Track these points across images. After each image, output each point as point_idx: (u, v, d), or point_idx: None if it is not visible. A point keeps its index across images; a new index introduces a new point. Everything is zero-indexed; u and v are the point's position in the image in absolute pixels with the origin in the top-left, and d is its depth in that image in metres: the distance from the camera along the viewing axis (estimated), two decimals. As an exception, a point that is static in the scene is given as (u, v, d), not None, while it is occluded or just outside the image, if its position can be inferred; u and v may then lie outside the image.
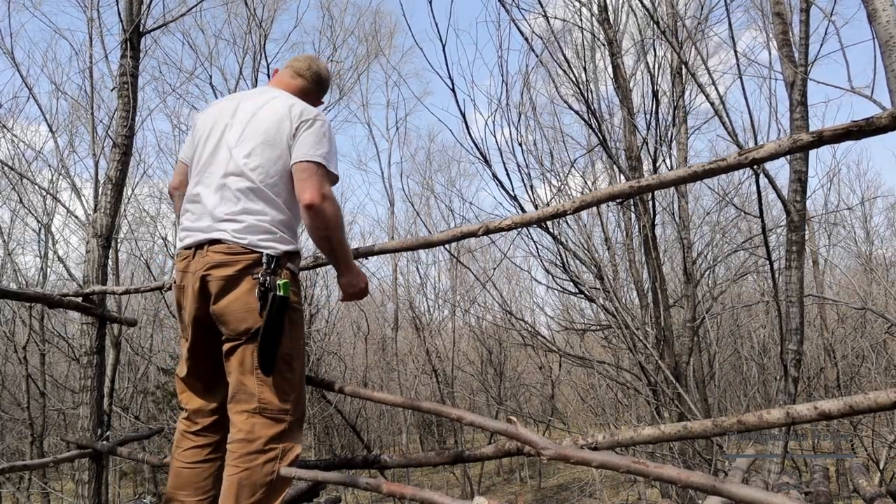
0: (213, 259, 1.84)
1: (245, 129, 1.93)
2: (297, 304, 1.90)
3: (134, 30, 3.78)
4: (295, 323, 1.89)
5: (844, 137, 1.51)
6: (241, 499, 1.73)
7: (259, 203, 1.87)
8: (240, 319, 1.82)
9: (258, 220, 1.86)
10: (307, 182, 1.84)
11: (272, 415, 1.81)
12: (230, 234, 1.84)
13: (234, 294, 1.82)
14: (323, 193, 1.84)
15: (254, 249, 1.83)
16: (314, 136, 1.90)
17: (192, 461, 1.99)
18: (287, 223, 1.93)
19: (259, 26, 9.40)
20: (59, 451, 11.45)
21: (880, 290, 10.89)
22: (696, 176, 1.75)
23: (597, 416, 10.73)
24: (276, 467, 1.78)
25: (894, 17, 1.64)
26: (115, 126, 3.75)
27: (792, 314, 3.28)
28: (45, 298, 3.03)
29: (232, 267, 1.83)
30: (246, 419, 1.80)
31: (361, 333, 17.15)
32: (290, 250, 1.90)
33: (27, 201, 9.95)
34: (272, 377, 1.82)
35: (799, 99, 3.12)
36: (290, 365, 1.86)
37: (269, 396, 1.81)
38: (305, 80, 2.15)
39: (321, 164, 1.87)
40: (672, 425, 1.77)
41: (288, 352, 1.85)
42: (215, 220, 1.87)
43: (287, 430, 1.82)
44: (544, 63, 6.46)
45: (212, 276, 1.84)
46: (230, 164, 1.90)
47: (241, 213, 1.86)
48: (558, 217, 1.97)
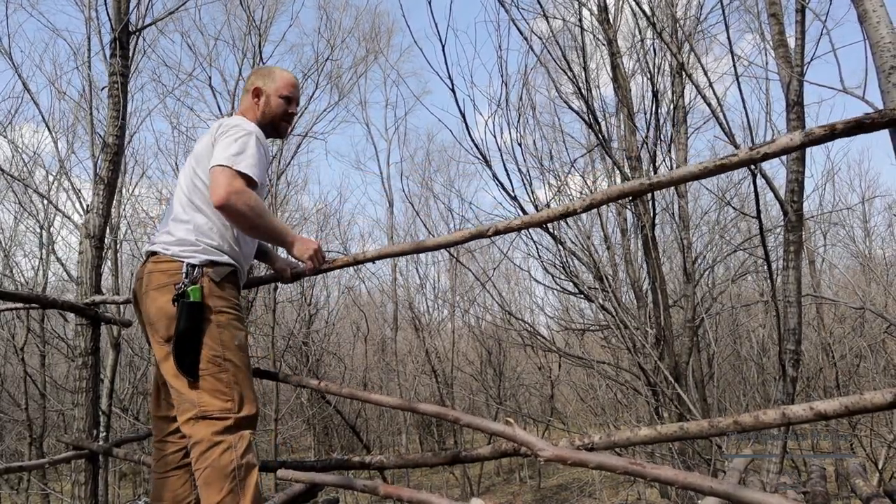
0: (147, 268, 2.00)
1: (191, 157, 2.12)
2: (226, 307, 1.96)
3: (122, 29, 3.77)
4: (223, 325, 1.94)
5: (856, 130, 1.48)
6: (213, 495, 1.77)
7: (191, 215, 2.01)
8: (163, 328, 1.91)
9: (185, 233, 1.99)
10: (213, 185, 1.93)
11: (213, 416, 1.86)
12: (161, 245, 2.00)
13: (158, 302, 1.93)
14: (230, 190, 1.90)
15: (176, 259, 1.95)
16: (223, 143, 1.98)
17: (164, 470, 2.06)
18: (216, 230, 2.01)
19: (256, 28, 9.40)
20: (58, 452, 11.43)
21: (879, 290, 10.89)
22: (707, 172, 1.71)
23: (596, 416, 10.73)
24: (233, 456, 1.81)
25: (885, 18, 1.63)
26: (106, 126, 3.74)
27: (790, 314, 3.28)
28: (40, 299, 3.03)
29: (159, 277, 1.95)
30: (192, 425, 1.85)
31: (361, 334, 17.15)
32: (214, 260, 1.98)
33: (26, 202, 9.95)
34: (205, 381, 1.87)
35: (795, 99, 3.12)
36: (220, 366, 1.90)
37: (208, 399, 1.86)
38: (246, 93, 2.26)
39: (226, 165, 1.93)
40: (669, 426, 1.77)
41: (216, 354, 1.90)
42: (158, 233, 2.06)
43: (232, 424, 1.86)
44: (543, 63, 6.46)
45: (145, 287, 1.97)
46: (180, 189, 2.09)
47: (173, 226, 2.01)
48: (568, 216, 1.95)
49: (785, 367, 3.31)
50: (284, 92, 2.20)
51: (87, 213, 3.53)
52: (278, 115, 2.21)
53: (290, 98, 2.22)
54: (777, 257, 7.24)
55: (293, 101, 2.24)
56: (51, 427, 11.88)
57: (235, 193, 1.90)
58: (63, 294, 10.87)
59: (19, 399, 10.68)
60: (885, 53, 1.60)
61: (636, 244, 7.65)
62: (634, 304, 7.14)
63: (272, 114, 2.20)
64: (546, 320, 16.19)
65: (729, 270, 9.89)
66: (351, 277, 17.17)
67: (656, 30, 5.12)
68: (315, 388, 2.40)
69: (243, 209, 1.91)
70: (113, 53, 3.78)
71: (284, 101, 2.21)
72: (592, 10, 7.08)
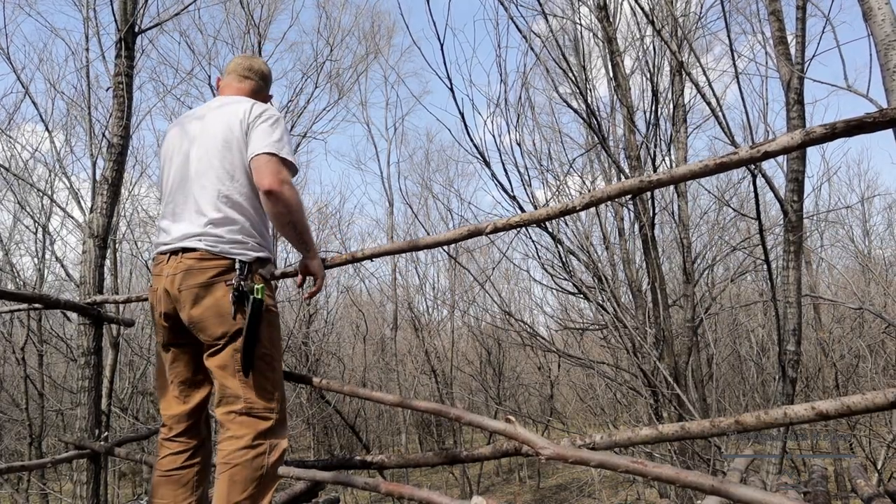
0: (185, 265, 1.90)
1: (208, 141, 1.98)
2: (273, 306, 1.97)
3: (129, 29, 3.76)
4: (272, 324, 1.95)
5: (858, 130, 1.46)
6: (234, 495, 1.77)
7: (229, 211, 1.93)
8: (216, 324, 1.87)
9: (229, 229, 1.92)
10: (263, 170, 1.88)
11: (259, 414, 1.86)
12: (203, 242, 1.90)
13: (209, 300, 1.87)
14: (281, 179, 1.88)
15: (225, 256, 1.90)
16: (264, 129, 1.94)
17: (168, 469, 2.03)
18: (257, 228, 1.98)
19: (256, 27, 9.39)
20: (57, 451, 11.44)
21: (878, 290, 10.89)
22: (707, 170, 1.69)
23: (596, 416, 10.73)
24: (265, 462, 1.82)
25: (890, 15, 1.63)
26: (111, 126, 3.73)
27: (790, 315, 3.28)
28: (43, 299, 3.02)
29: (205, 274, 1.88)
30: (233, 419, 1.85)
31: (360, 334, 17.14)
32: (261, 256, 1.97)
33: (24, 201, 9.93)
34: (254, 378, 1.88)
35: (795, 97, 3.12)
36: (271, 365, 1.93)
37: (254, 396, 1.87)
38: (252, 80, 2.22)
39: (273, 153, 1.90)
40: (670, 426, 1.77)
41: (267, 352, 1.91)
42: (189, 229, 1.93)
43: (273, 426, 1.88)
44: (543, 62, 6.45)
45: (185, 284, 1.89)
46: (200, 177, 1.96)
47: (211, 222, 1.91)
48: (567, 214, 1.94)
49: (784, 367, 3.31)
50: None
51: (91, 213, 3.52)
52: None
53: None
54: (776, 257, 7.24)
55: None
56: (50, 427, 11.86)
57: (286, 183, 1.89)
58: (61, 293, 10.87)
59: (18, 399, 10.67)
60: (890, 51, 1.60)
61: (635, 244, 7.66)
62: (633, 303, 7.13)
63: None
64: (545, 320, 16.20)
65: (728, 270, 9.88)
66: (350, 277, 17.18)
67: (655, 28, 5.12)
68: (317, 386, 2.40)
69: (290, 199, 1.89)
70: (118, 54, 3.76)
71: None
72: (591, 8, 7.08)
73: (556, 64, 6.08)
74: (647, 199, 6.54)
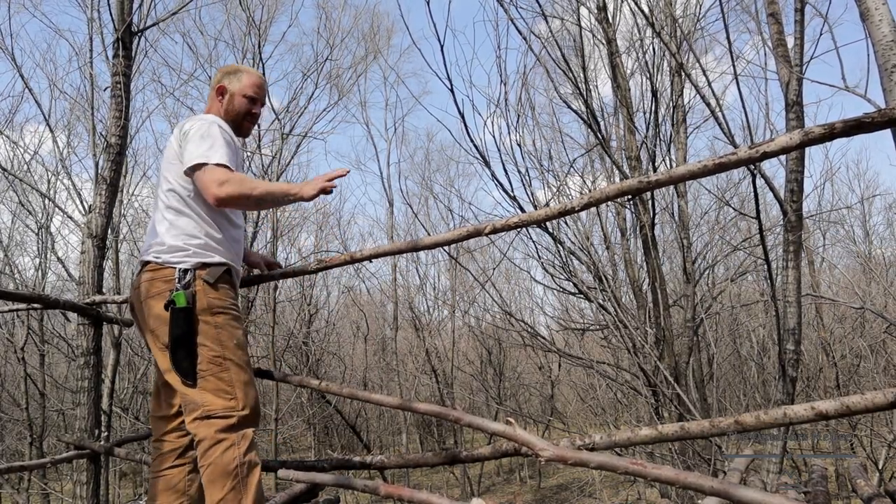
0: (142, 278, 2.02)
1: (163, 159, 2.14)
2: (222, 307, 1.98)
3: (125, 29, 3.77)
4: (220, 326, 1.96)
5: (856, 130, 1.46)
6: (215, 494, 1.80)
7: (174, 219, 2.03)
8: (162, 333, 1.94)
9: (173, 238, 2.00)
10: (201, 185, 1.96)
11: (218, 415, 1.88)
12: (152, 254, 2.01)
13: (154, 310, 1.96)
14: (217, 185, 1.93)
15: (169, 266, 1.97)
16: (192, 143, 2.00)
17: (160, 468, 2.09)
18: (202, 228, 2.03)
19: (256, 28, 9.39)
20: (58, 451, 11.43)
21: (879, 290, 10.88)
22: (707, 171, 1.69)
23: (596, 416, 10.73)
24: (236, 453, 1.84)
25: (887, 15, 1.63)
26: (109, 126, 3.73)
27: (790, 314, 3.28)
28: (42, 299, 3.02)
29: (154, 286, 1.98)
30: (197, 425, 1.88)
31: (361, 333, 17.16)
32: (204, 261, 2.00)
33: (25, 201, 9.94)
34: (207, 382, 1.89)
35: (794, 98, 3.12)
36: (221, 365, 1.93)
37: (211, 399, 1.89)
38: (211, 90, 2.28)
39: (202, 163, 1.96)
40: (670, 426, 1.77)
41: (216, 354, 1.92)
42: (148, 242, 2.07)
43: (236, 423, 1.88)
44: (542, 62, 6.45)
45: (140, 297, 2.00)
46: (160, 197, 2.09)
47: (161, 233, 2.02)
48: (567, 214, 1.94)
49: (785, 367, 3.31)
50: (249, 92, 2.21)
51: (90, 213, 3.53)
52: (241, 114, 2.21)
53: (254, 98, 2.22)
54: (776, 257, 7.24)
55: (257, 102, 2.24)
56: (51, 427, 11.87)
57: (223, 184, 1.92)
58: (62, 293, 10.87)
59: (19, 399, 10.68)
60: (888, 51, 1.60)
61: (635, 244, 7.65)
62: (634, 303, 7.13)
63: (235, 112, 2.20)
64: (546, 320, 16.20)
65: (729, 270, 9.88)
66: (351, 277, 17.18)
67: (655, 29, 5.13)
68: (315, 388, 2.40)
69: (237, 193, 1.93)
70: (115, 54, 3.78)
71: (248, 101, 2.21)
72: (591, 10, 7.08)
73: (556, 65, 6.08)
74: (647, 200, 6.54)
